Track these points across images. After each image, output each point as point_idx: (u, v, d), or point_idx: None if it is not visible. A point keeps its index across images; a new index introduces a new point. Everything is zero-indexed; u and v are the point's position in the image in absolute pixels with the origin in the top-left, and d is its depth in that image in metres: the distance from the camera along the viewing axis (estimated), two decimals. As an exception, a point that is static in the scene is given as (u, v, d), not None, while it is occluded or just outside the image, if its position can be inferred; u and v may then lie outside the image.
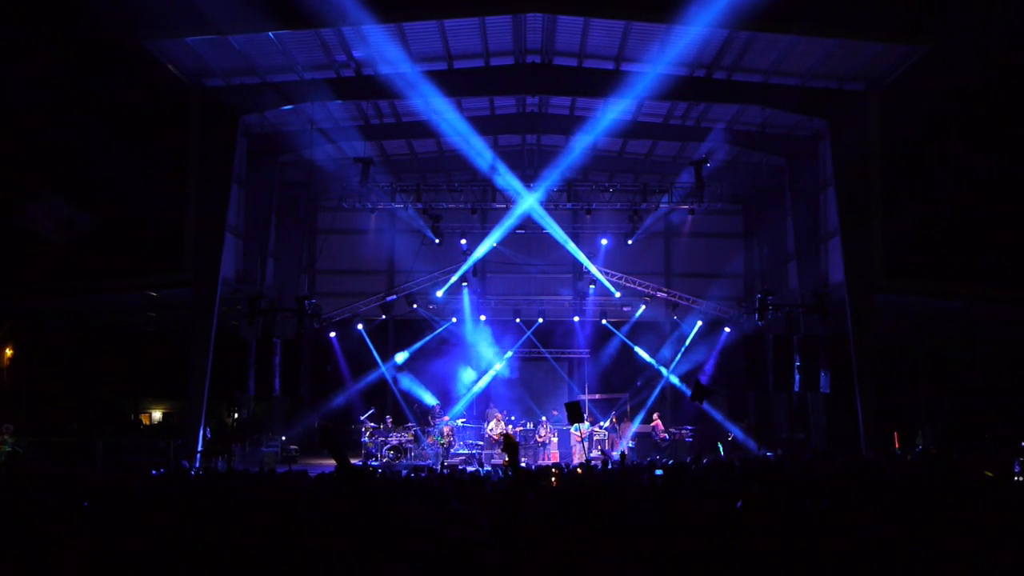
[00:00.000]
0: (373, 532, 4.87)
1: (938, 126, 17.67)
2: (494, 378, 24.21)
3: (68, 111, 17.28)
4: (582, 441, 20.67)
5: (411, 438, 20.95)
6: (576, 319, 25.14)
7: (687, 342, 24.24)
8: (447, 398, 23.46)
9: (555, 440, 21.53)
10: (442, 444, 20.59)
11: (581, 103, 21.50)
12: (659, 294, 24.59)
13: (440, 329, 24.65)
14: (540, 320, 25.01)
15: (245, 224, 21.35)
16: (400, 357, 24.16)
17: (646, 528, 5.64)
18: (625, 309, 25.09)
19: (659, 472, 10.44)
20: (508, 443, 5.69)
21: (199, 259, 18.35)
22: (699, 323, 24.35)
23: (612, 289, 23.98)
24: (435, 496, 6.83)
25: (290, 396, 21.10)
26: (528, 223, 22.88)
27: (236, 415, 18.52)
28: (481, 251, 23.48)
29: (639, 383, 24.54)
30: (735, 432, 22.72)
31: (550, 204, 22.27)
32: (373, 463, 19.41)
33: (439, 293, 24.33)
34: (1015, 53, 16.21)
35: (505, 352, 24.38)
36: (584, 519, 5.67)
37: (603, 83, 18.98)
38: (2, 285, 18.57)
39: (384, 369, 24.15)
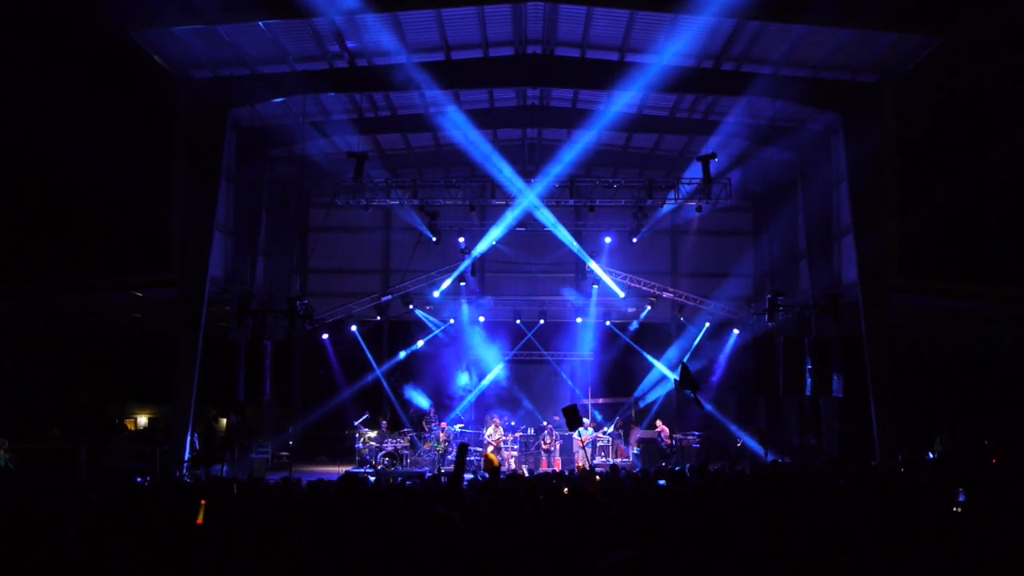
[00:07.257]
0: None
1: (954, 119, 17.32)
2: (493, 382, 23.64)
3: (50, 103, 16.74)
4: (584, 447, 20.01)
5: (407, 444, 20.35)
6: (579, 320, 24.52)
7: (694, 344, 23.56)
8: (444, 402, 22.83)
9: (558, 446, 20.89)
10: (439, 451, 19.92)
11: (584, 95, 21.12)
12: (665, 294, 24.01)
13: (437, 331, 24.04)
14: (541, 321, 24.55)
15: (234, 222, 21.01)
16: (404, 354, 23.56)
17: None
18: (630, 310, 24.55)
19: (662, 482, 9.94)
20: (460, 455, 6.28)
21: (186, 258, 18.04)
22: (707, 324, 23.85)
23: (616, 289, 23.33)
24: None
25: (281, 400, 20.64)
26: (529, 221, 22.35)
27: (227, 421, 18.07)
28: (480, 249, 23.02)
29: (644, 388, 23.89)
30: (744, 439, 22.10)
31: (552, 201, 21.68)
32: (368, 470, 18.74)
33: (436, 293, 23.71)
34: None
35: (505, 355, 23.79)
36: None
37: (607, 75, 18.61)
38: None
39: (379, 372, 23.57)
